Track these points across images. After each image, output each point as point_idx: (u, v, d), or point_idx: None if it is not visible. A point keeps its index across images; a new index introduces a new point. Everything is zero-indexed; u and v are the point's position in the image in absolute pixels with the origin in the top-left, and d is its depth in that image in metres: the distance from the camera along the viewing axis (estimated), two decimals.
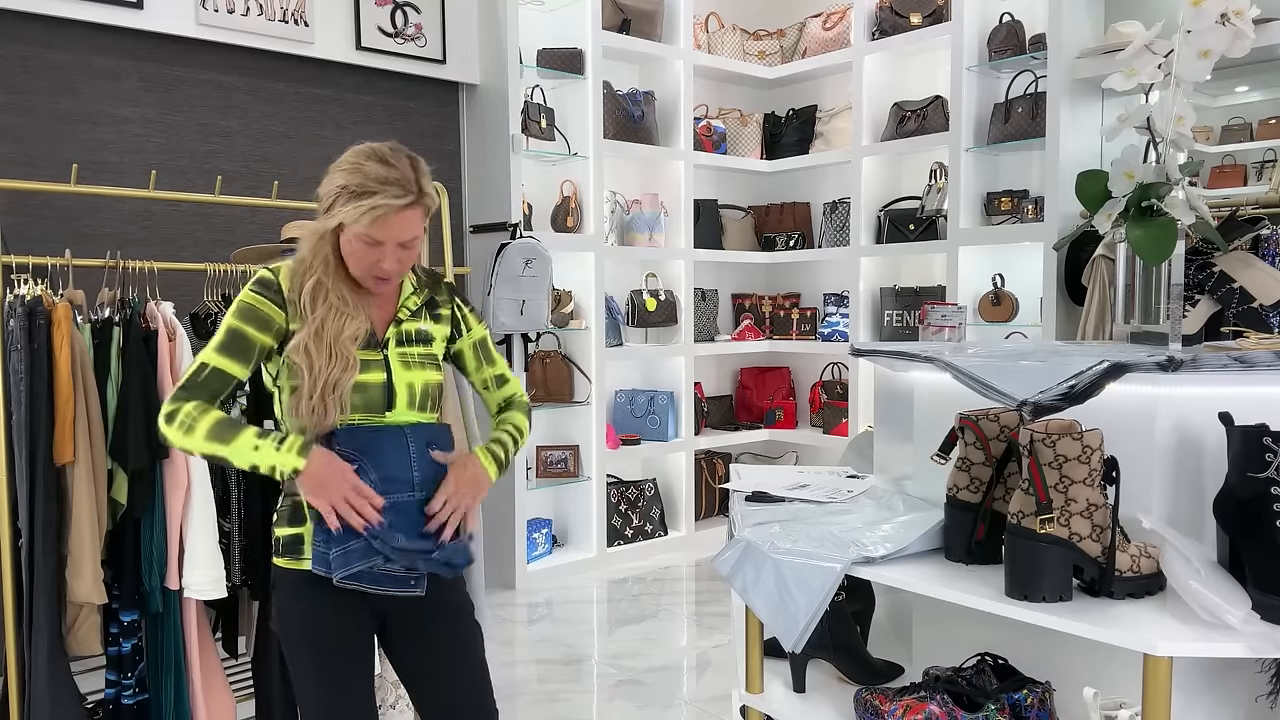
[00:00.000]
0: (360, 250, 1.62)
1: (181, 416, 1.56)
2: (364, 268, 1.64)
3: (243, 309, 1.63)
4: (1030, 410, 1.50)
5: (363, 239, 1.61)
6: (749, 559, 1.78)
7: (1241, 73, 3.43)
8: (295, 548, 1.65)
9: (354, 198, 1.59)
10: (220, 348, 1.61)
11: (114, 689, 2.26)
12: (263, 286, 1.64)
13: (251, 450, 1.55)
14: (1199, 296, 2.80)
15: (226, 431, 1.56)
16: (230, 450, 1.55)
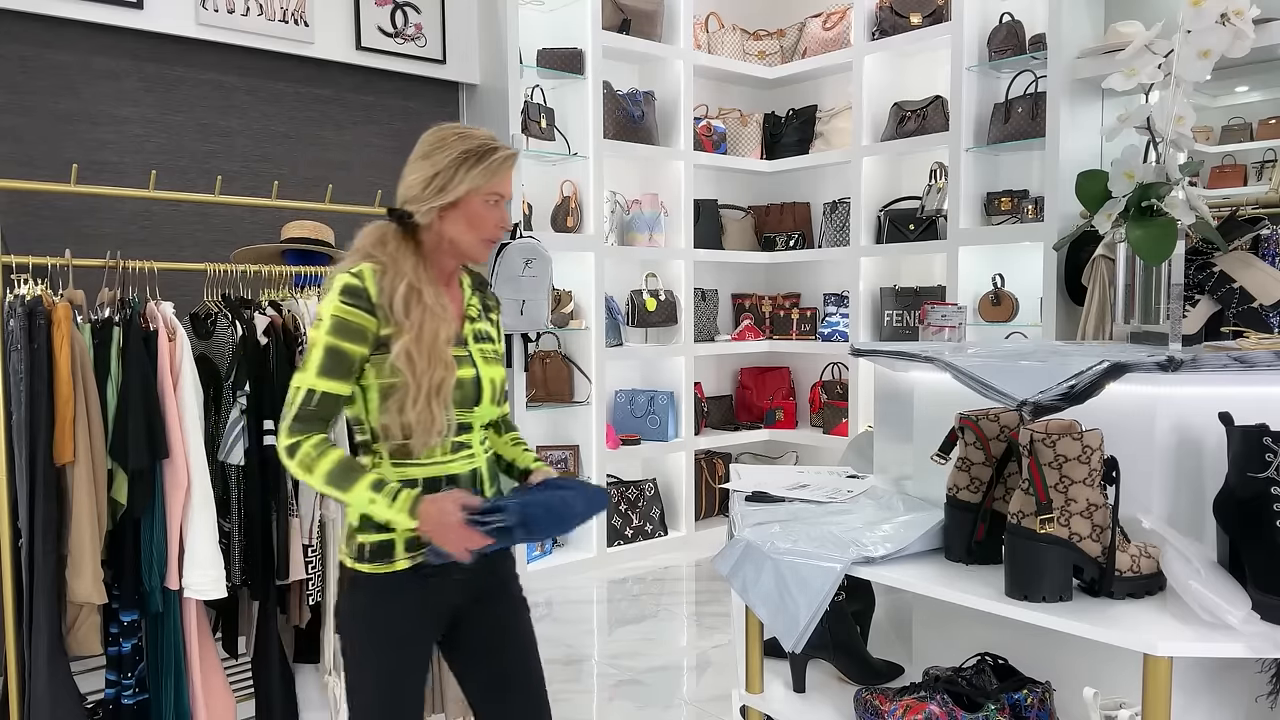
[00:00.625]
0: (482, 213, 1.67)
1: (300, 456, 1.57)
2: (485, 231, 1.68)
3: (337, 324, 1.59)
4: (1030, 410, 1.50)
5: (488, 198, 1.67)
6: (749, 559, 1.78)
7: (1241, 73, 3.43)
8: (385, 553, 1.64)
9: (478, 160, 1.65)
10: (323, 371, 1.58)
11: (114, 689, 2.26)
12: (353, 296, 1.61)
13: (368, 503, 1.57)
14: (1199, 296, 2.80)
15: (342, 479, 1.56)
16: (347, 498, 1.58)
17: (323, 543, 2.42)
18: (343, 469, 1.57)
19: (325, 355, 1.58)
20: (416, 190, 1.66)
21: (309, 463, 1.57)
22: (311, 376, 1.58)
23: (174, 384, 2.24)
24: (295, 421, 1.58)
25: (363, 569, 1.65)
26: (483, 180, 1.65)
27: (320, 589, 2.40)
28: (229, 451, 2.26)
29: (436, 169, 1.65)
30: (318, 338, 1.60)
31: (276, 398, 2.33)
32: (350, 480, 1.56)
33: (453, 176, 1.64)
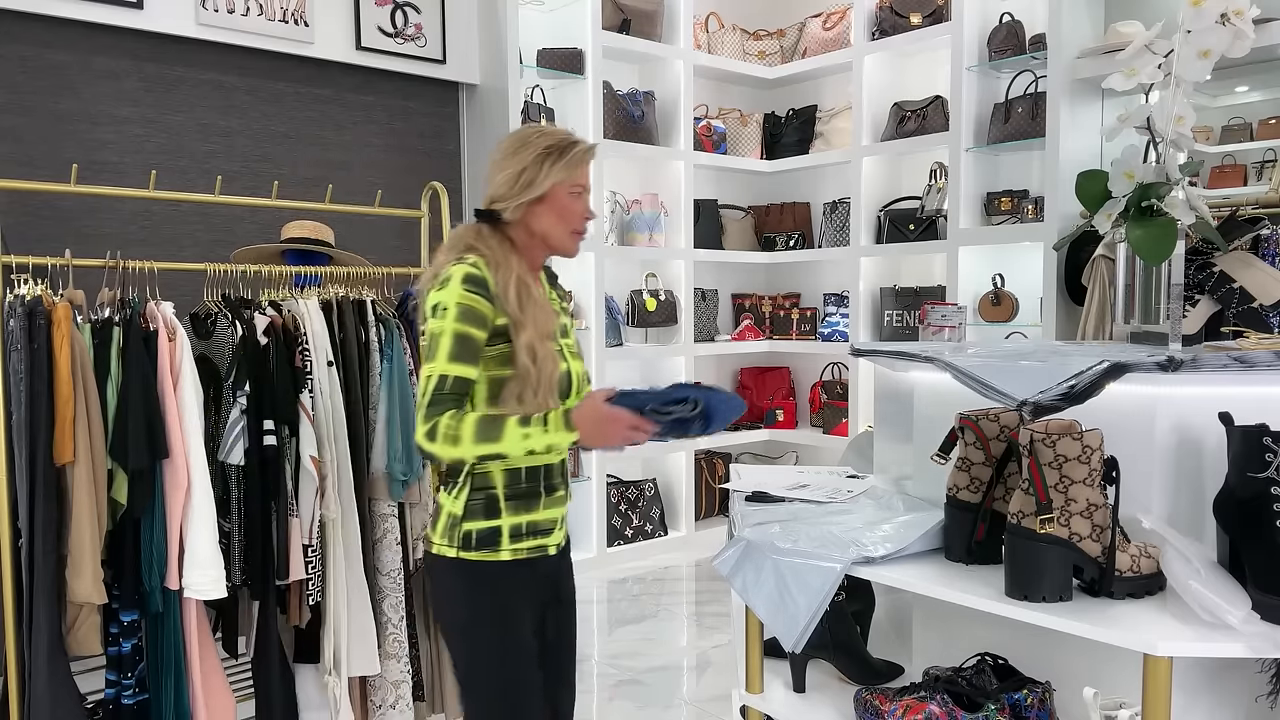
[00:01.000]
0: (569, 206, 1.74)
1: (442, 430, 1.58)
2: (573, 223, 1.75)
3: (464, 311, 1.63)
4: (1030, 410, 1.50)
5: (574, 190, 1.73)
6: (749, 559, 1.78)
7: (1241, 73, 3.43)
8: (492, 540, 1.70)
9: (560, 154, 1.71)
10: (453, 357, 1.62)
11: (114, 689, 2.26)
12: (476, 285, 1.65)
13: (523, 439, 1.59)
14: (1199, 296, 2.80)
15: (491, 430, 1.58)
16: (502, 446, 1.59)
17: (323, 543, 2.42)
18: (485, 424, 1.59)
19: (454, 341, 1.62)
20: (504, 188, 1.72)
21: (452, 434, 1.58)
22: (442, 363, 1.61)
23: (174, 384, 2.24)
24: (429, 407, 1.60)
25: (469, 557, 1.69)
26: (566, 173, 1.71)
27: (320, 589, 2.40)
28: (229, 451, 2.26)
29: (523, 165, 1.71)
30: (444, 326, 1.62)
31: (276, 398, 2.33)
32: (497, 429, 1.58)
33: (538, 172, 1.71)
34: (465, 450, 1.59)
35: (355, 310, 2.56)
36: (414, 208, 3.08)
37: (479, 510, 1.70)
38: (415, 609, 2.69)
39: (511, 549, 1.71)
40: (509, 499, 1.71)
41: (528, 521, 1.73)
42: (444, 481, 1.77)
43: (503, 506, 1.71)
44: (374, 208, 2.95)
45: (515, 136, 1.76)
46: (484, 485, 1.71)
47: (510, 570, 1.72)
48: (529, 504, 1.74)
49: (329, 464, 2.41)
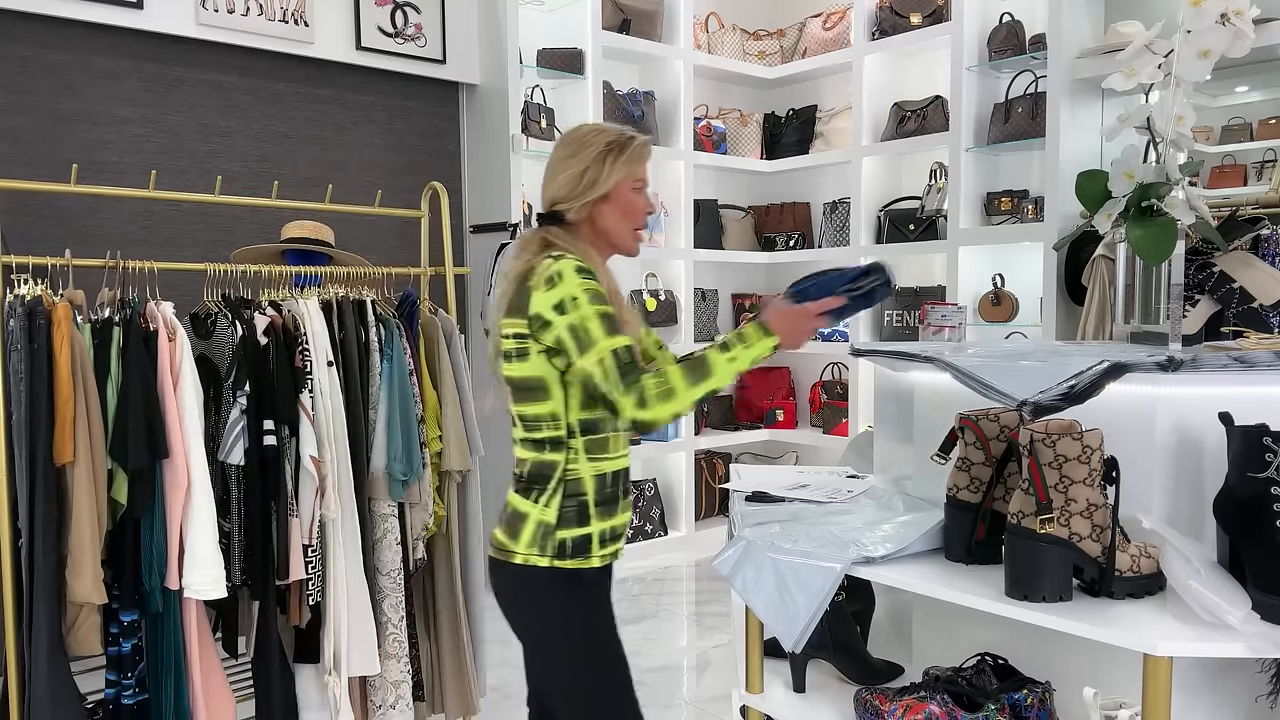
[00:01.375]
0: (632, 201, 1.75)
1: (652, 393, 1.57)
2: (637, 219, 1.76)
3: (592, 294, 1.62)
4: (1030, 410, 1.50)
5: (636, 185, 1.75)
6: (749, 559, 1.78)
7: (1241, 73, 3.43)
8: (585, 547, 1.69)
9: (620, 150, 1.72)
10: (610, 332, 1.60)
11: (114, 689, 2.25)
12: (588, 274, 1.64)
13: (728, 364, 1.61)
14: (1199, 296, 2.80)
15: (699, 370, 1.59)
16: (715, 380, 1.60)
17: (323, 543, 2.41)
18: (689, 368, 1.60)
19: (602, 320, 1.60)
20: (567, 189, 1.72)
21: (664, 390, 1.57)
22: (605, 341, 1.59)
23: (174, 384, 2.24)
24: (624, 380, 1.57)
25: (565, 565, 1.68)
26: (628, 169, 1.72)
27: (320, 589, 2.40)
28: (229, 451, 2.26)
29: (584, 165, 1.71)
30: (584, 312, 1.59)
31: (276, 398, 2.33)
32: (703, 365, 1.60)
33: (601, 170, 1.71)
34: (682, 399, 1.58)
35: (355, 310, 2.56)
36: (414, 208, 3.08)
37: (572, 517, 1.68)
38: (415, 609, 2.70)
39: (601, 555, 1.71)
40: (598, 504, 1.70)
41: (611, 526, 1.73)
42: (523, 489, 1.72)
43: (593, 512, 1.70)
44: (374, 208, 2.95)
45: (573, 137, 1.75)
46: (576, 492, 1.69)
47: (601, 576, 1.74)
48: (612, 509, 1.73)
49: (329, 464, 2.41)
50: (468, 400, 2.74)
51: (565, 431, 1.68)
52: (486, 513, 2.93)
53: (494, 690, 3.08)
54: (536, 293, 1.63)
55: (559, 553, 1.68)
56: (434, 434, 2.64)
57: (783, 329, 1.64)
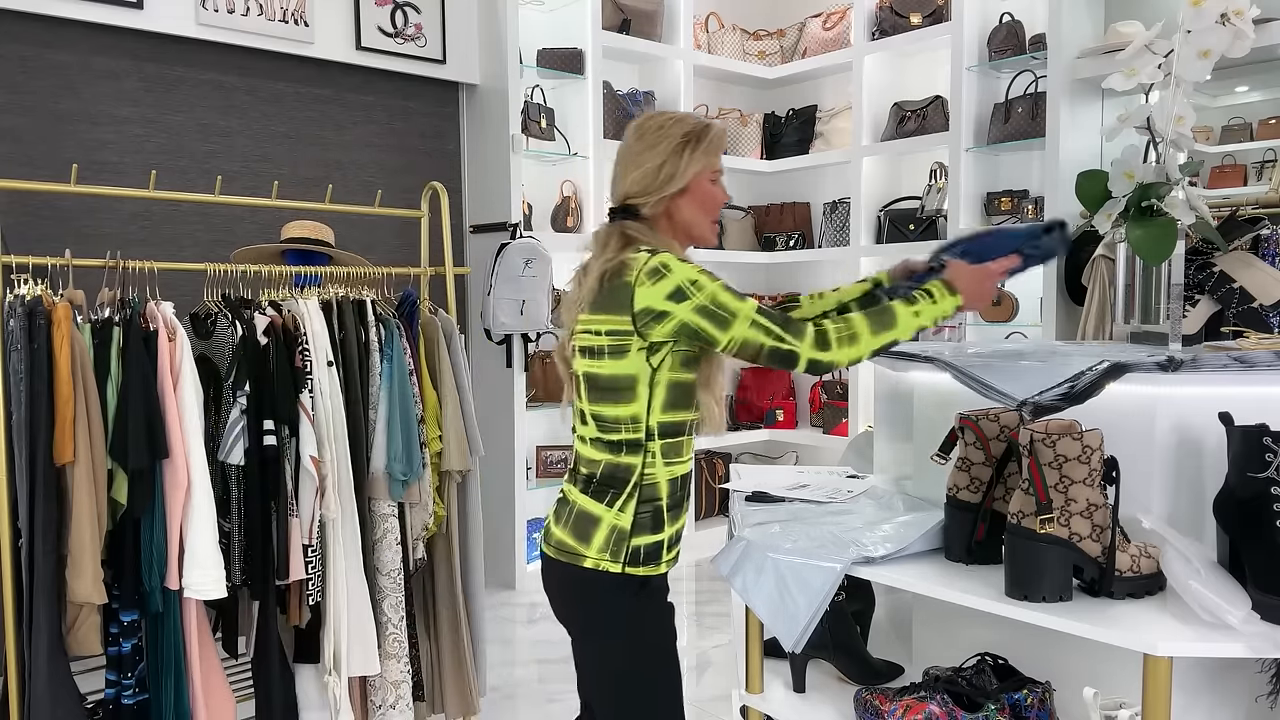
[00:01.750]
0: (709, 192, 1.70)
1: (834, 335, 1.58)
2: (714, 211, 1.73)
3: (706, 274, 1.59)
4: (1030, 410, 1.50)
5: (713, 176, 1.70)
6: (749, 559, 1.78)
7: (1241, 73, 3.42)
8: (656, 554, 1.67)
9: (698, 141, 1.67)
10: (741, 298, 1.58)
11: (114, 689, 2.25)
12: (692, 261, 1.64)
13: (913, 317, 1.61)
14: (1199, 296, 2.80)
15: (883, 319, 1.60)
16: (897, 331, 1.60)
17: (323, 543, 2.41)
18: (876, 316, 1.60)
19: (729, 292, 1.58)
20: (643, 183, 1.67)
21: (847, 334, 1.58)
22: (743, 305, 1.57)
23: (174, 384, 2.24)
24: (788, 328, 1.57)
25: (639, 573, 1.65)
26: (706, 160, 1.68)
27: (320, 589, 2.40)
28: (229, 451, 2.26)
29: (662, 159, 1.66)
30: (710, 290, 1.57)
31: (276, 398, 2.33)
32: (889, 316, 1.60)
33: (679, 162, 1.66)
34: (864, 345, 1.58)
35: (355, 310, 2.56)
36: (414, 208, 3.08)
37: (647, 523, 1.65)
38: (415, 609, 2.69)
39: (668, 560, 1.71)
40: (670, 509, 1.68)
41: (677, 531, 1.72)
42: (595, 492, 1.67)
43: (665, 518, 1.67)
44: (374, 208, 2.95)
45: (648, 127, 1.69)
46: (652, 497, 1.66)
47: (665, 582, 1.73)
48: (678, 514, 1.71)
49: (329, 464, 2.41)
50: (468, 400, 2.74)
51: (644, 434, 1.64)
52: (486, 513, 2.93)
53: (494, 690, 3.08)
54: (642, 288, 1.58)
55: (633, 559, 1.64)
56: (434, 434, 2.64)
57: (966, 288, 1.64)
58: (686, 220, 1.70)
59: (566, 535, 1.68)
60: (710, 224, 1.73)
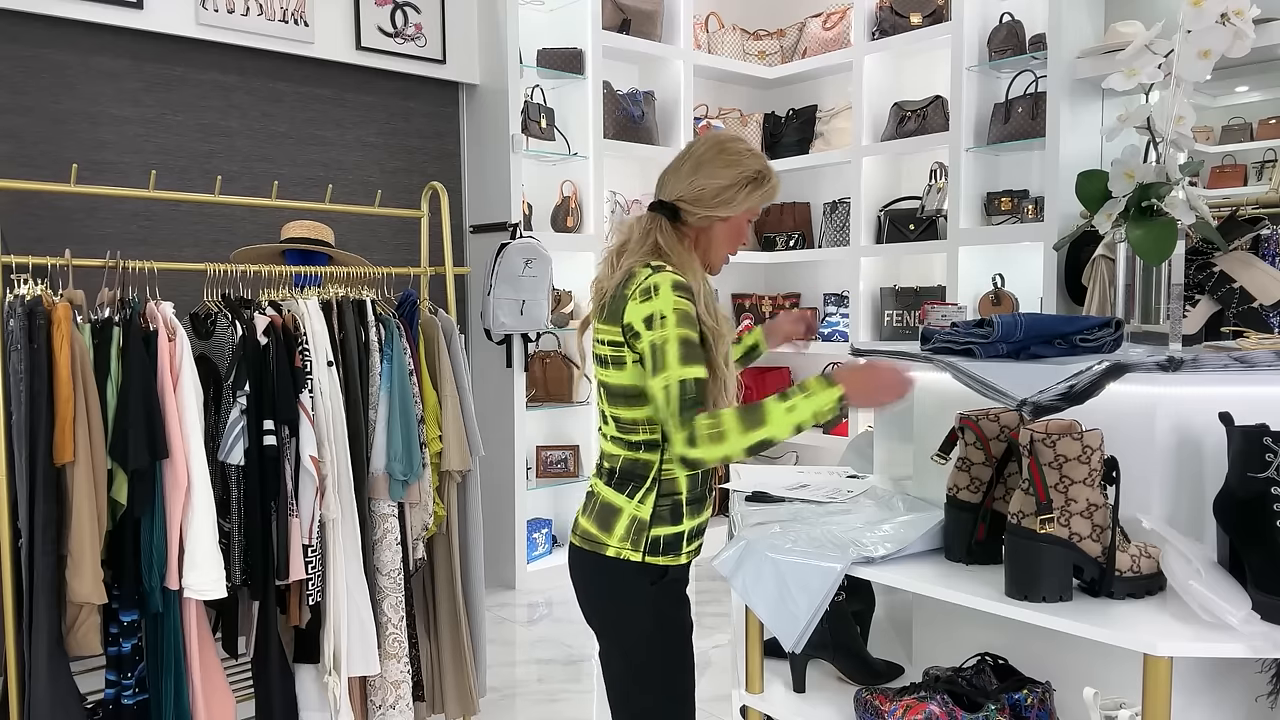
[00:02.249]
0: (737, 230, 1.80)
1: (703, 432, 1.54)
2: (738, 243, 1.82)
3: (681, 316, 1.62)
4: (1030, 410, 1.50)
5: (751, 216, 1.80)
6: (749, 559, 1.78)
7: (1241, 73, 3.43)
8: (676, 545, 1.73)
9: (759, 184, 1.76)
10: (684, 360, 1.59)
11: (114, 689, 2.25)
12: (684, 291, 1.65)
13: (787, 414, 1.55)
14: (1199, 296, 2.80)
15: (754, 416, 1.55)
16: (770, 430, 1.54)
17: (323, 543, 2.41)
18: (745, 413, 1.55)
19: (681, 346, 1.59)
20: (700, 195, 1.73)
21: (715, 432, 1.54)
22: (677, 369, 1.58)
23: (174, 384, 2.24)
24: (681, 414, 1.56)
25: (657, 562, 1.71)
26: (756, 202, 1.78)
27: (320, 589, 2.40)
28: (229, 451, 2.26)
29: (729, 183, 1.73)
30: (668, 333, 1.60)
31: (276, 398, 2.33)
32: (759, 413, 1.55)
33: (739, 194, 1.74)
34: (733, 444, 1.54)
35: (355, 310, 2.56)
36: (414, 208, 3.08)
37: (666, 515, 1.71)
38: (415, 609, 2.69)
39: (688, 551, 1.76)
40: (689, 503, 1.73)
41: (697, 525, 1.77)
42: (617, 484, 1.73)
43: (685, 511, 1.73)
44: (374, 208, 2.95)
45: (730, 149, 1.75)
46: (671, 491, 1.71)
47: (684, 574, 1.79)
48: (699, 508, 1.76)
49: (329, 464, 2.41)
50: (468, 400, 2.74)
51: (661, 435, 1.69)
52: (486, 513, 2.93)
53: (494, 690, 3.08)
54: (632, 303, 1.64)
55: (652, 549, 1.70)
56: (434, 434, 2.64)
57: (849, 378, 1.57)
58: (715, 243, 1.78)
59: (591, 525, 1.74)
60: (726, 255, 1.81)
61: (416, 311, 2.72)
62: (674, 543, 1.72)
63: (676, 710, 1.78)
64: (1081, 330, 1.74)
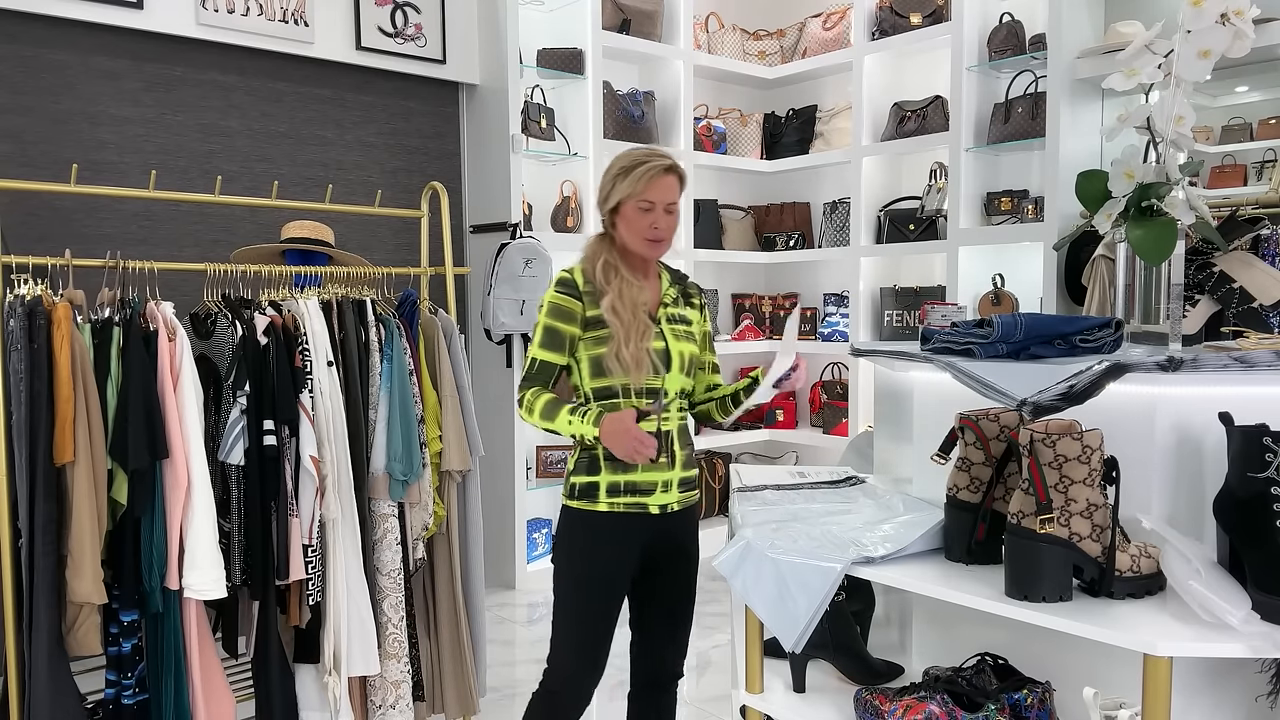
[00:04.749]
0: (636, 218, 2.00)
1: (525, 400, 2.01)
2: (641, 233, 2.01)
3: (552, 308, 2.01)
4: (1030, 410, 1.50)
5: (639, 205, 1.99)
6: (749, 559, 1.78)
7: (1241, 73, 3.43)
8: (591, 492, 2.02)
9: (627, 173, 2.00)
10: (542, 345, 2.02)
11: (114, 689, 2.25)
12: (563, 285, 2.02)
13: (568, 424, 1.96)
14: (1199, 296, 2.80)
15: (552, 410, 1.98)
16: (555, 424, 1.98)
17: (323, 543, 2.41)
18: (551, 405, 1.98)
19: (544, 333, 2.02)
20: (599, 198, 2.06)
21: (529, 405, 2.00)
22: (535, 349, 2.02)
23: (174, 384, 2.24)
24: (523, 382, 2.04)
25: (573, 505, 2.04)
26: (628, 190, 1.99)
27: (320, 589, 2.40)
28: (229, 451, 2.26)
29: (605, 182, 2.05)
30: (540, 319, 2.03)
31: (276, 398, 2.33)
32: (556, 411, 1.97)
33: (611, 188, 2.03)
34: (534, 420, 2.00)
35: (355, 310, 2.56)
36: (414, 208, 3.08)
37: (583, 467, 2.03)
38: (415, 609, 2.69)
39: (609, 502, 2.01)
40: (608, 459, 2.00)
41: (625, 481, 2.00)
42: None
43: (602, 465, 2.01)
44: (374, 208, 2.95)
45: (616, 157, 2.05)
46: (588, 446, 2.03)
47: (606, 521, 2.01)
48: (627, 465, 1.99)
49: (329, 464, 2.41)
50: (468, 400, 2.74)
51: (584, 399, 2.04)
52: (486, 513, 2.93)
53: (494, 690, 3.08)
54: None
55: (571, 493, 2.05)
56: (434, 434, 2.64)
57: (605, 426, 1.91)
58: (621, 235, 2.04)
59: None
60: (641, 241, 2.01)
61: (416, 311, 2.72)
62: (589, 490, 2.01)
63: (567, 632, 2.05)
64: (1081, 330, 1.74)
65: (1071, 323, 1.76)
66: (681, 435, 2.08)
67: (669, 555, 2.12)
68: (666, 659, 2.19)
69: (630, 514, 2.02)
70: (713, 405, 2.19)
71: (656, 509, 2.04)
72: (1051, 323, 1.76)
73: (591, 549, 2.04)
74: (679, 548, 2.15)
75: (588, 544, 2.04)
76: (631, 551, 2.05)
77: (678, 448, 2.06)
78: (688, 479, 2.11)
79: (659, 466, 2.02)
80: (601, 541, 2.03)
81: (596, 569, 2.04)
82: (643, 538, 2.05)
